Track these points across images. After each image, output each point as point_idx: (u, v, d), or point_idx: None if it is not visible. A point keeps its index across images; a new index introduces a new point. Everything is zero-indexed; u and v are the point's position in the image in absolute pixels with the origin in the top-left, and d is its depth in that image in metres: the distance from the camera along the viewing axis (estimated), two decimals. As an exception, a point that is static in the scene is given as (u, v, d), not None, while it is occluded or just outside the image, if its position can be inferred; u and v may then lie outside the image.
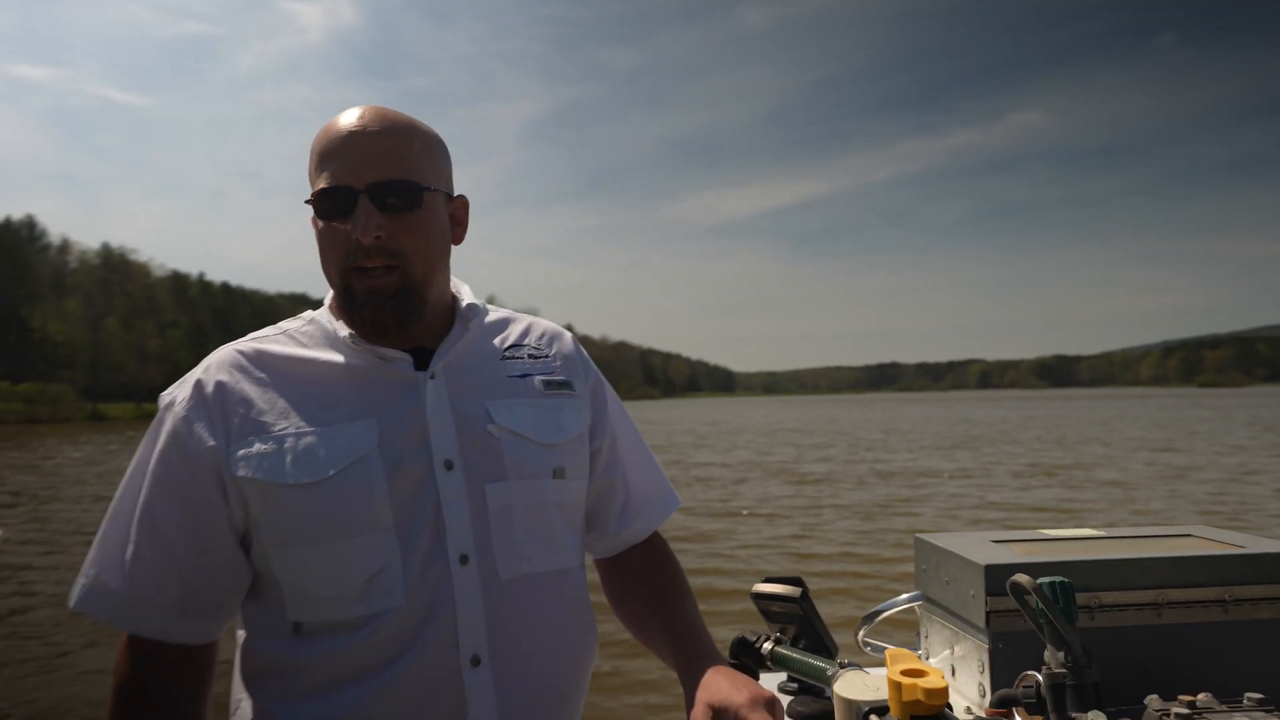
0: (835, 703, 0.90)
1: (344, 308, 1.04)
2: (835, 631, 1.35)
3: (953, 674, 1.34)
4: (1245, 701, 0.97)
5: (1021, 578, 0.99)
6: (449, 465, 1.03)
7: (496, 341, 1.15)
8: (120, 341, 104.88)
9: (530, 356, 1.15)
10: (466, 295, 1.15)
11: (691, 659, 1.05)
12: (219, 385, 1.03)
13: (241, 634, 1.08)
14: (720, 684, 0.96)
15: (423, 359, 1.07)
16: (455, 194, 1.11)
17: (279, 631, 1.03)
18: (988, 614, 1.22)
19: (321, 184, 1.00)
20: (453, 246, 1.12)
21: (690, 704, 0.99)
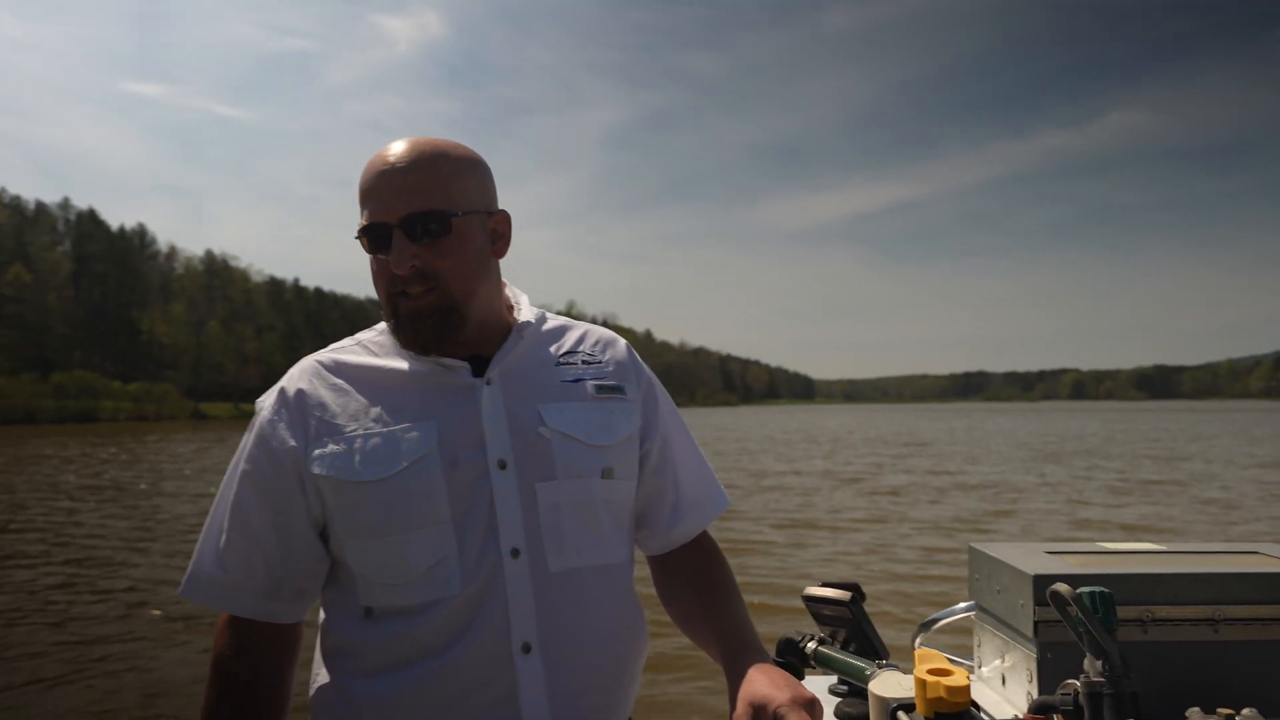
0: (870, 700, 0.93)
1: (394, 329, 1.13)
2: (893, 642, 1.36)
3: (1003, 683, 1.35)
4: None
5: (1061, 587, 1.00)
6: (502, 465, 1.10)
7: (552, 349, 1.21)
8: (221, 344, 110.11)
9: (584, 362, 1.21)
10: (524, 305, 1.23)
11: (736, 655, 1.09)
12: (299, 392, 1.13)
13: (322, 615, 1.18)
14: (762, 681, 1.00)
15: (481, 366, 1.15)
16: (496, 210, 1.17)
17: (353, 614, 1.12)
18: (1036, 624, 1.23)
19: (363, 221, 1.10)
20: (499, 260, 1.19)
21: (733, 699, 1.04)
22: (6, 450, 31.52)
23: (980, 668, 1.46)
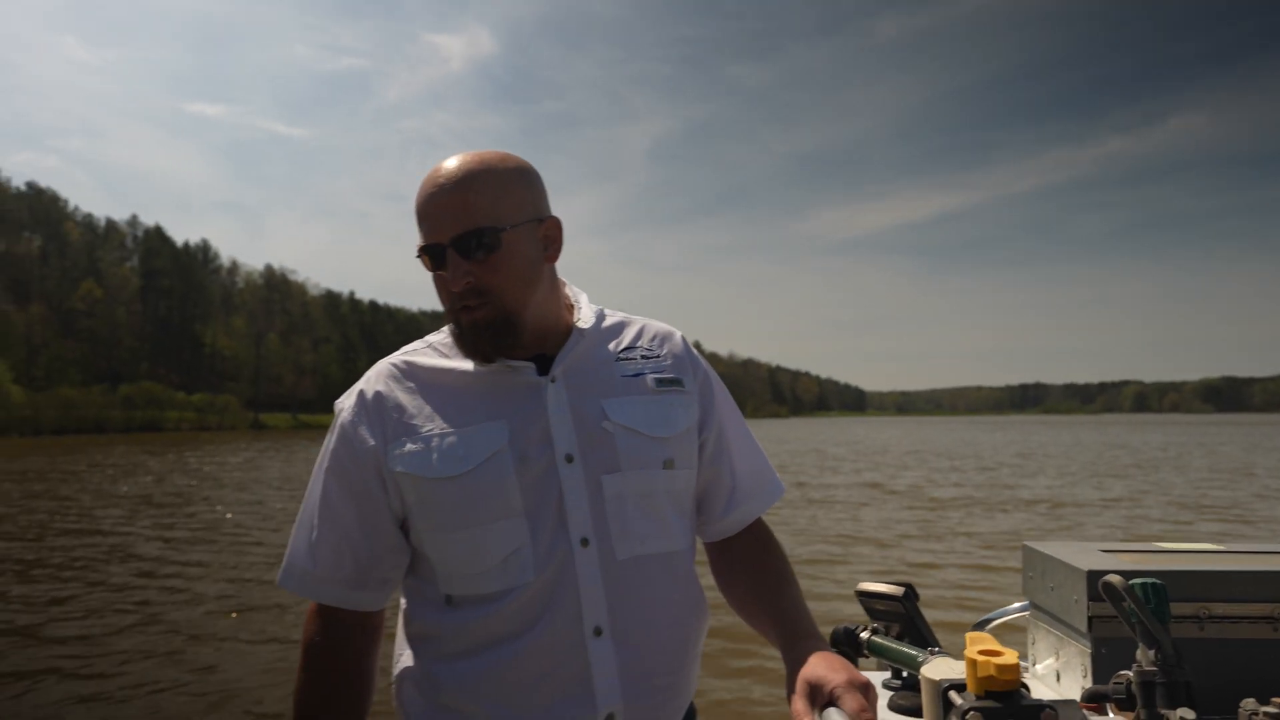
0: (922, 684, 0.96)
1: (455, 340, 1.20)
2: (946, 643, 1.38)
3: (1058, 679, 1.36)
4: None
5: (1114, 578, 1.02)
6: (569, 459, 1.16)
7: (611, 345, 1.27)
8: (279, 356, 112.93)
9: (643, 357, 1.26)
10: (583, 303, 1.28)
11: (794, 640, 1.13)
12: (377, 394, 1.20)
13: (403, 603, 1.25)
14: (819, 664, 1.03)
15: (545, 365, 1.21)
16: (546, 216, 1.20)
17: (433, 602, 1.19)
18: (1090, 619, 1.24)
19: (420, 241, 1.16)
20: (553, 265, 1.23)
21: (791, 681, 1.07)
22: (79, 457, 32.73)
23: (1034, 665, 1.47)
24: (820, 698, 1.01)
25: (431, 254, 1.15)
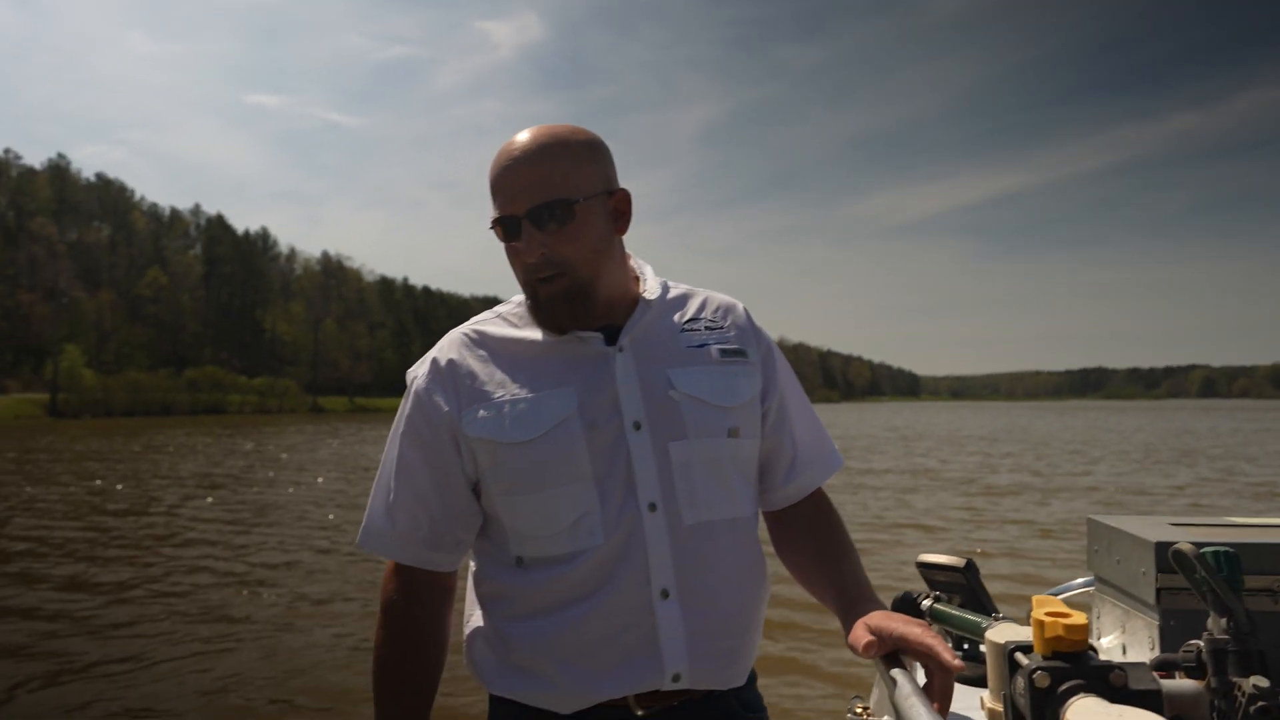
0: (987, 649, 0.96)
1: (531, 311, 1.23)
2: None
3: (1124, 653, 1.35)
4: None
5: (1184, 545, 1.00)
6: (637, 425, 1.18)
7: (676, 316, 1.29)
8: (335, 341, 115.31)
9: (707, 328, 1.28)
10: (649, 275, 1.30)
11: (853, 604, 1.15)
12: (450, 362, 1.24)
13: (473, 565, 1.29)
14: (881, 615, 1.07)
15: (612, 335, 1.23)
16: (616, 189, 1.22)
17: (504, 564, 1.23)
18: (1158, 590, 1.23)
19: (494, 213, 1.19)
20: (622, 237, 1.26)
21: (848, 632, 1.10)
22: (143, 439, 33.94)
23: (1099, 640, 1.45)
24: (886, 637, 1.03)
25: (505, 226, 1.18)
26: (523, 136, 1.18)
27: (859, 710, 1.47)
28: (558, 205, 1.15)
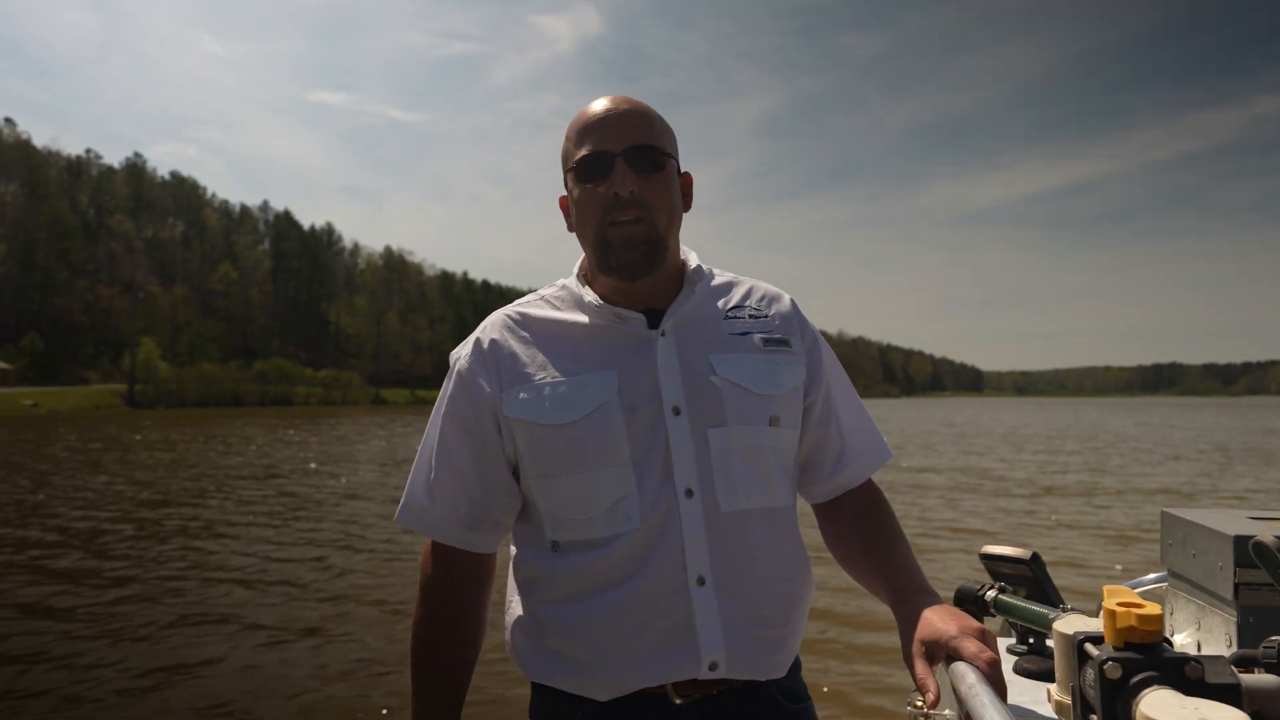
0: (1054, 640, 0.93)
1: (599, 256, 1.20)
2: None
3: (1199, 650, 1.30)
4: None
5: (1265, 537, 0.96)
6: (677, 411, 1.16)
7: (720, 303, 1.27)
8: (397, 334, 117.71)
9: (751, 316, 1.26)
10: (693, 260, 1.28)
11: (905, 596, 1.11)
12: (493, 343, 1.23)
13: (513, 550, 1.29)
14: (930, 619, 1.02)
15: (654, 319, 1.21)
16: (684, 170, 1.26)
17: (541, 548, 1.21)
18: (1236, 585, 1.17)
19: (584, 153, 1.18)
20: (683, 215, 1.26)
21: (905, 638, 1.06)
22: (220, 428, 35.09)
23: (1173, 636, 1.40)
24: (939, 652, 0.99)
25: (595, 163, 1.17)
26: (615, 96, 1.22)
27: (919, 704, 1.44)
28: (655, 151, 1.18)
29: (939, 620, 1.01)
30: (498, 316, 1.28)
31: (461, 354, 1.26)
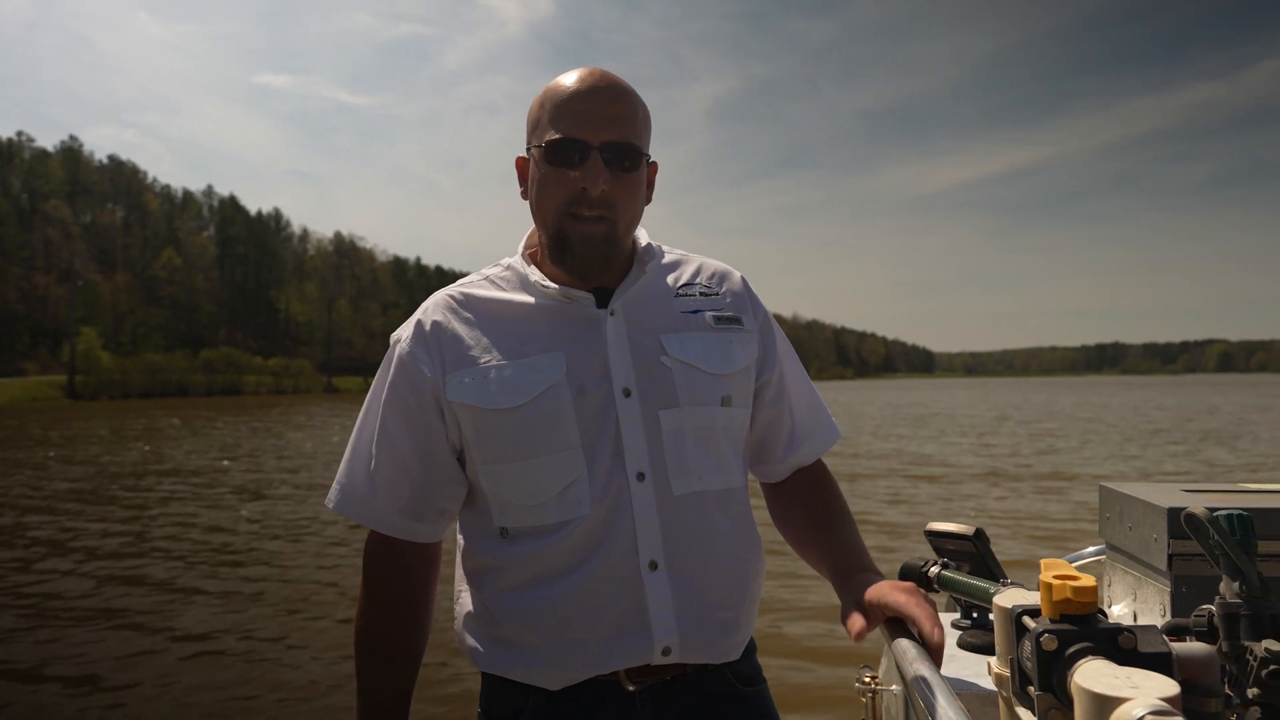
0: (994, 614, 0.94)
1: (554, 247, 1.16)
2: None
3: (1135, 620, 1.33)
4: None
5: (1197, 508, 0.98)
6: (627, 392, 1.14)
7: (670, 280, 1.24)
8: (349, 321, 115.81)
9: (701, 294, 1.24)
10: (643, 238, 1.25)
11: (848, 573, 1.12)
12: (435, 324, 1.19)
13: (461, 540, 1.25)
14: (881, 586, 1.05)
15: (603, 298, 1.18)
16: (651, 160, 1.20)
17: (490, 535, 1.18)
18: (1170, 556, 1.20)
19: (556, 135, 1.11)
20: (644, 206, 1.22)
21: (846, 610, 1.08)
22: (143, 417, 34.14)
23: (1110, 607, 1.44)
24: (878, 612, 1.02)
25: (568, 150, 1.11)
26: (597, 71, 1.15)
27: (867, 680, 1.46)
28: (633, 151, 1.13)
29: (888, 586, 1.04)
30: (440, 297, 1.23)
31: (402, 336, 1.22)
